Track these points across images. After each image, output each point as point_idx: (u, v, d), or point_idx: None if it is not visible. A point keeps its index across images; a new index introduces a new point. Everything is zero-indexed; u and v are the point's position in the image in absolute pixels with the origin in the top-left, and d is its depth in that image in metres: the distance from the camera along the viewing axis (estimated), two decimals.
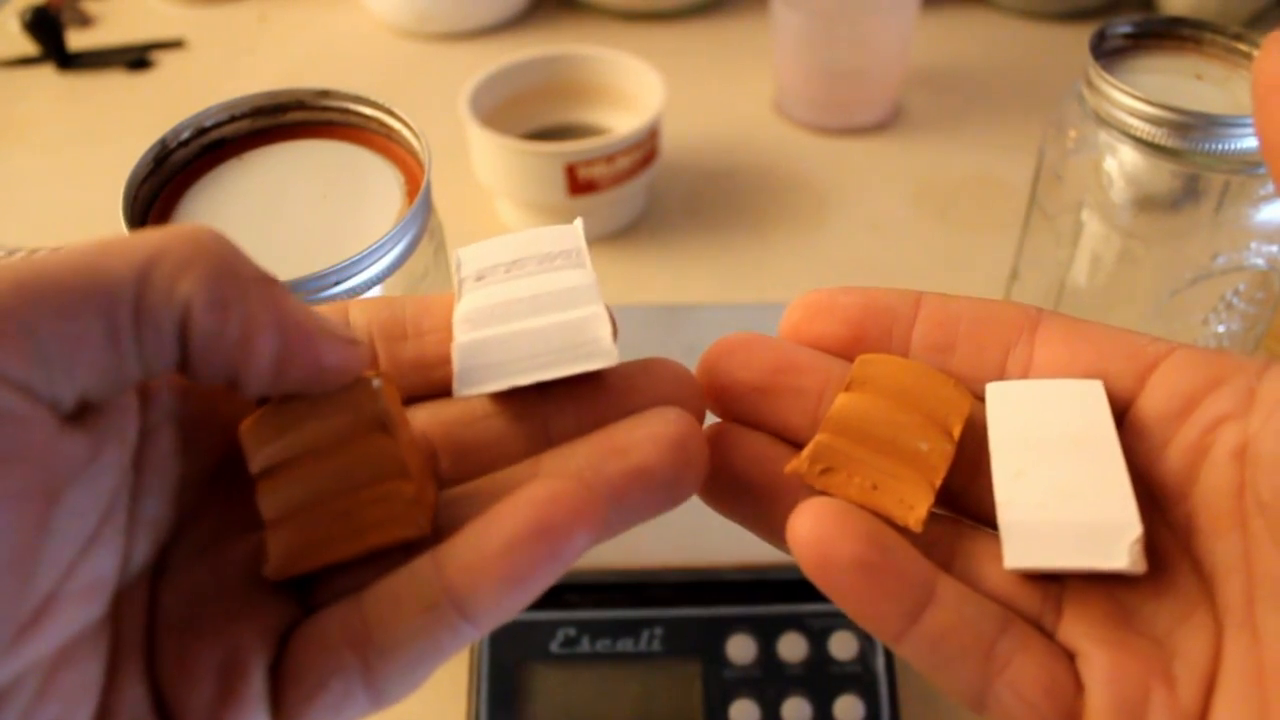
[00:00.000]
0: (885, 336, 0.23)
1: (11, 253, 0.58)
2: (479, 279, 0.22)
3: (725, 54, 0.78)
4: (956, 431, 0.21)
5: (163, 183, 0.32)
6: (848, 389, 0.22)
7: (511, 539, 0.18)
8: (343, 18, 0.85)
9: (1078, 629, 0.20)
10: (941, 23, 0.80)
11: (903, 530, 0.20)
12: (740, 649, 0.37)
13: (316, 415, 0.19)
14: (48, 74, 0.79)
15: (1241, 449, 0.20)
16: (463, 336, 0.21)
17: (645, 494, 0.20)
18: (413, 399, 0.22)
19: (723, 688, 0.36)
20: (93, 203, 0.65)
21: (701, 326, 0.47)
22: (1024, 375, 0.22)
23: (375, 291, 0.30)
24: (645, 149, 0.58)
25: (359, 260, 0.28)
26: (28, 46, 0.79)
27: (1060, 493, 0.20)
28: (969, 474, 0.22)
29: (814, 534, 0.19)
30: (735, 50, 0.79)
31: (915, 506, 0.20)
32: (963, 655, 0.19)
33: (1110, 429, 0.21)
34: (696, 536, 0.38)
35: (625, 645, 0.37)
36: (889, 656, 0.37)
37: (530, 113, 0.63)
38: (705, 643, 0.37)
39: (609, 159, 0.56)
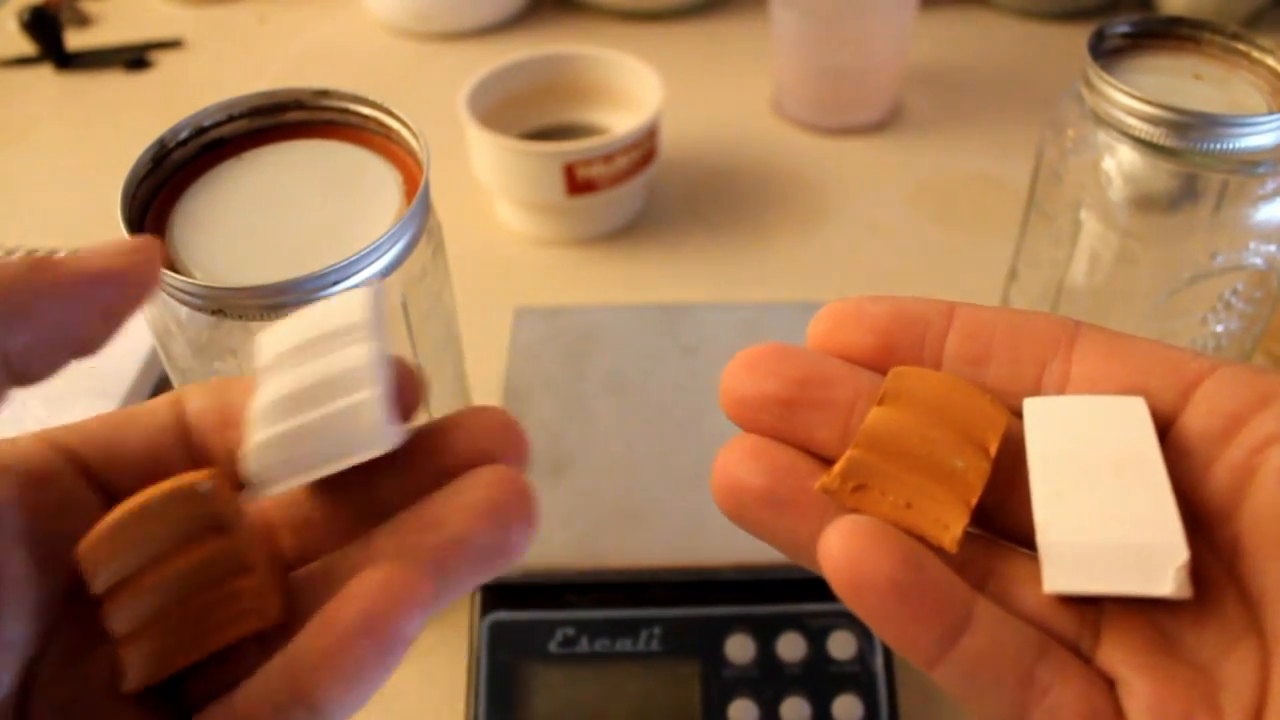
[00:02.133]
0: (917, 347, 0.22)
1: (10, 253, 0.58)
2: (271, 367, 0.21)
3: (724, 54, 0.78)
4: (993, 449, 0.21)
5: (161, 182, 0.32)
6: (880, 402, 0.21)
7: (344, 637, 0.18)
8: (341, 17, 0.85)
9: (1117, 655, 0.19)
10: (940, 23, 0.80)
11: (937, 551, 0.20)
12: (739, 649, 0.37)
13: (151, 526, 0.19)
14: (46, 74, 0.79)
15: None
16: (251, 438, 0.20)
17: (470, 564, 0.20)
18: None
19: (721, 687, 0.36)
20: (91, 202, 0.65)
21: (700, 326, 0.47)
22: (1060, 390, 0.21)
23: None
24: (644, 149, 0.58)
25: (358, 260, 0.28)
26: (26, 46, 0.79)
27: (1102, 514, 0.19)
28: (1004, 491, 0.21)
29: (847, 554, 0.18)
30: (734, 50, 0.79)
31: (950, 526, 0.20)
32: (1000, 682, 0.19)
33: (1154, 448, 0.20)
34: (696, 536, 0.38)
35: (624, 645, 0.37)
36: (888, 656, 0.37)
37: (529, 112, 0.63)
38: (704, 642, 0.37)
39: (608, 159, 0.56)
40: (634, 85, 0.61)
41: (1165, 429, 0.21)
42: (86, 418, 0.23)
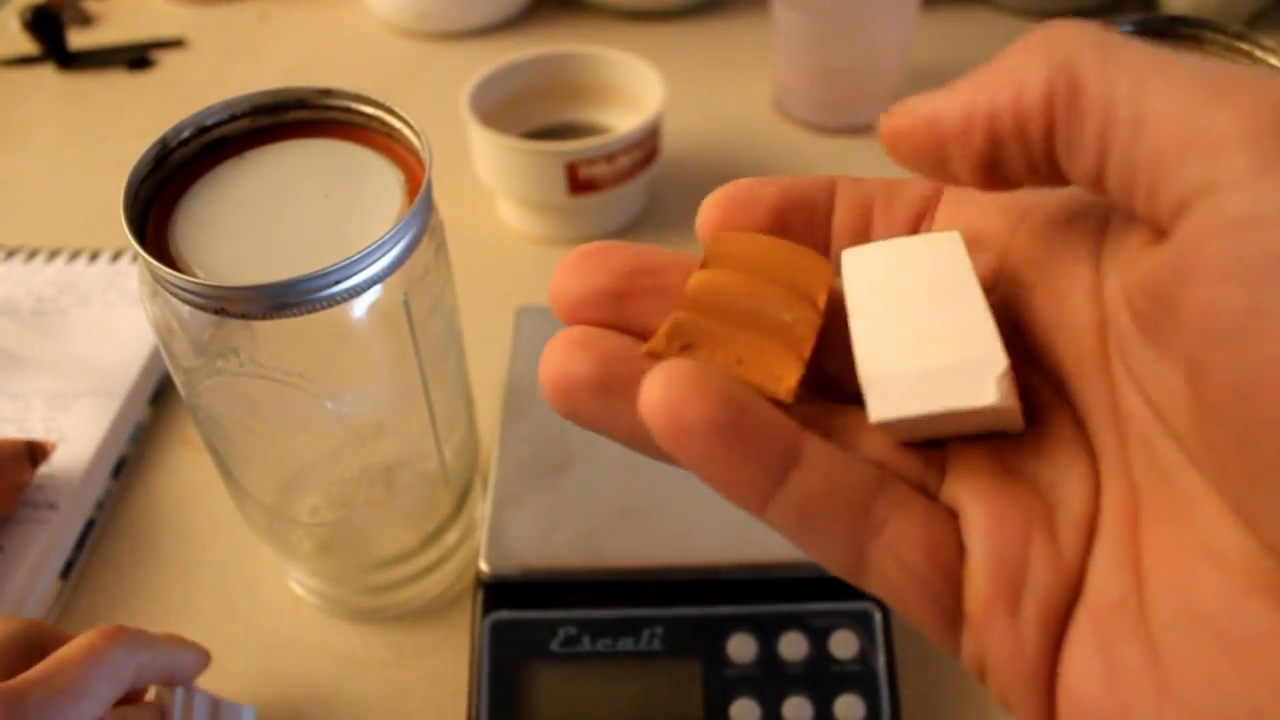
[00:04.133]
0: (808, 227, 0.22)
1: (11, 253, 0.58)
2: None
3: (725, 53, 0.78)
4: (821, 300, 0.20)
5: (163, 182, 0.32)
6: (703, 266, 0.20)
7: None
8: (343, 17, 0.85)
9: (958, 487, 0.19)
10: (941, 22, 0.80)
11: (775, 403, 0.19)
12: (741, 648, 0.37)
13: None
14: (48, 73, 0.79)
15: (1096, 289, 0.19)
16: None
17: None
18: None
19: (723, 687, 0.36)
20: (93, 202, 0.65)
21: None
22: None
23: (376, 291, 0.30)
24: (646, 148, 0.58)
25: (360, 259, 0.28)
26: (28, 46, 0.79)
27: (921, 339, 0.19)
28: (845, 355, 0.20)
29: (665, 398, 0.17)
30: (735, 49, 0.79)
31: (784, 377, 0.19)
32: (834, 519, 0.18)
33: (969, 273, 0.20)
34: (697, 536, 0.38)
35: (626, 644, 0.37)
36: (890, 655, 0.37)
37: (531, 112, 0.63)
38: (706, 642, 0.37)
39: (609, 158, 0.56)
40: (636, 85, 0.61)
41: (1000, 264, 0.21)
42: None
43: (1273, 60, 0.38)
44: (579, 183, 0.56)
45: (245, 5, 0.87)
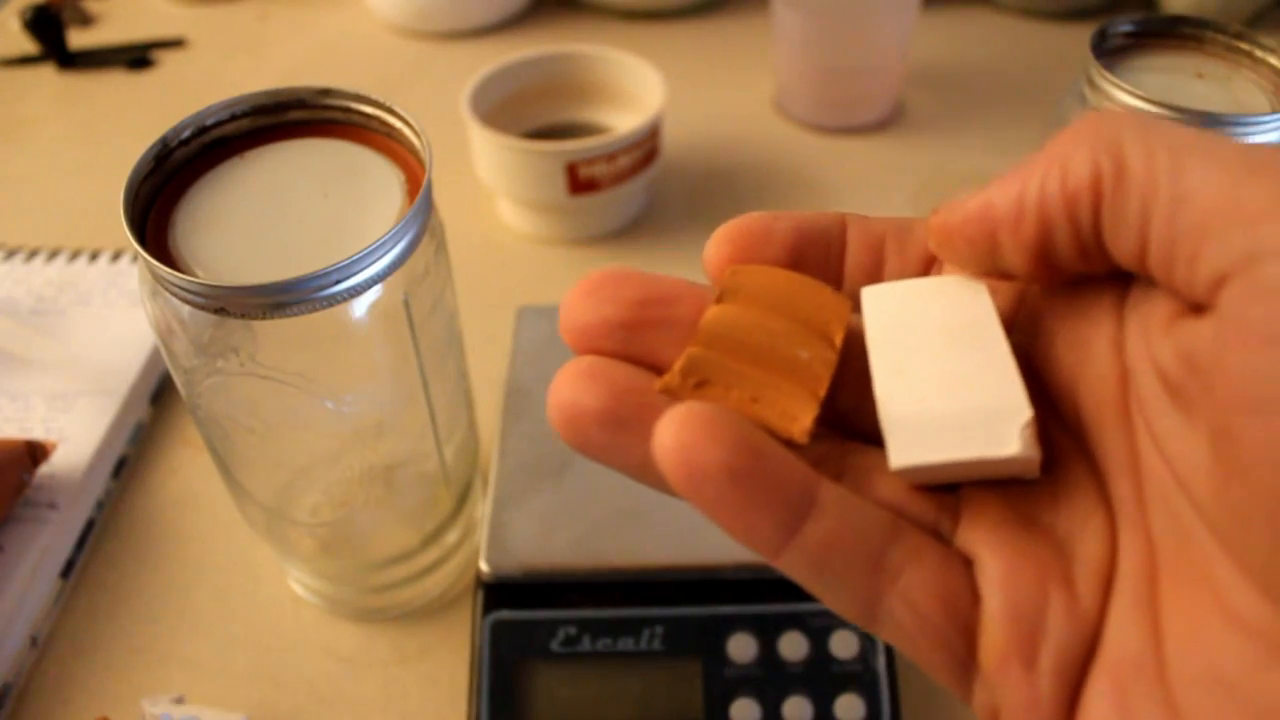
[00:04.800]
0: (822, 264, 0.22)
1: (12, 253, 0.58)
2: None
3: (725, 53, 0.78)
4: (838, 338, 0.20)
5: (164, 181, 0.32)
6: (718, 300, 0.20)
7: None
8: (343, 16, 0.85)
9: (973, 535, 0.19)
10: (942, 22, 0.80)
11: (788, 444, 0.18)
12: (741, 648, 0.37)
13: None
14: (48, 73, 0.79)
15: (1118, 340, 0.19)
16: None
17: None
18: None
19: (723, 687, 0.36)
20: (93, 202, 0.65)
21: None
22: None
23: (376, 290, 0.30)
24: (646, 148, 0.58)
25: (360, 259, 0.28)
26: (28, 45, 0.79)
27: (943, 384, 0.19)
28: (860, 392, 0.20)
29: (679, 442, 0.17)
30: (735, 49, 0.79)
31: (799, 417, 0.19)
32: (848, 567, 0.18)
33: (993, 318, 0.20)
34: (698, 536, 0.38)
35: (626, 644, 0.37)
36: (890, 655, 0.37)
37: (531, 112, 0.63)
38: (706, 642, 0.37)
39: (610, 158, 0.56)
40: (636, 84, 0.61)
41: (1018, 306, 0.21)
42: None
43: (1273, 60, 0.38)
44: (579, 183, 0.56)
45: (245, 5, 0.87)
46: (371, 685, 0.40)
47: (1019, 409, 0.18)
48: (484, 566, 0.38)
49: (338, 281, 0.28)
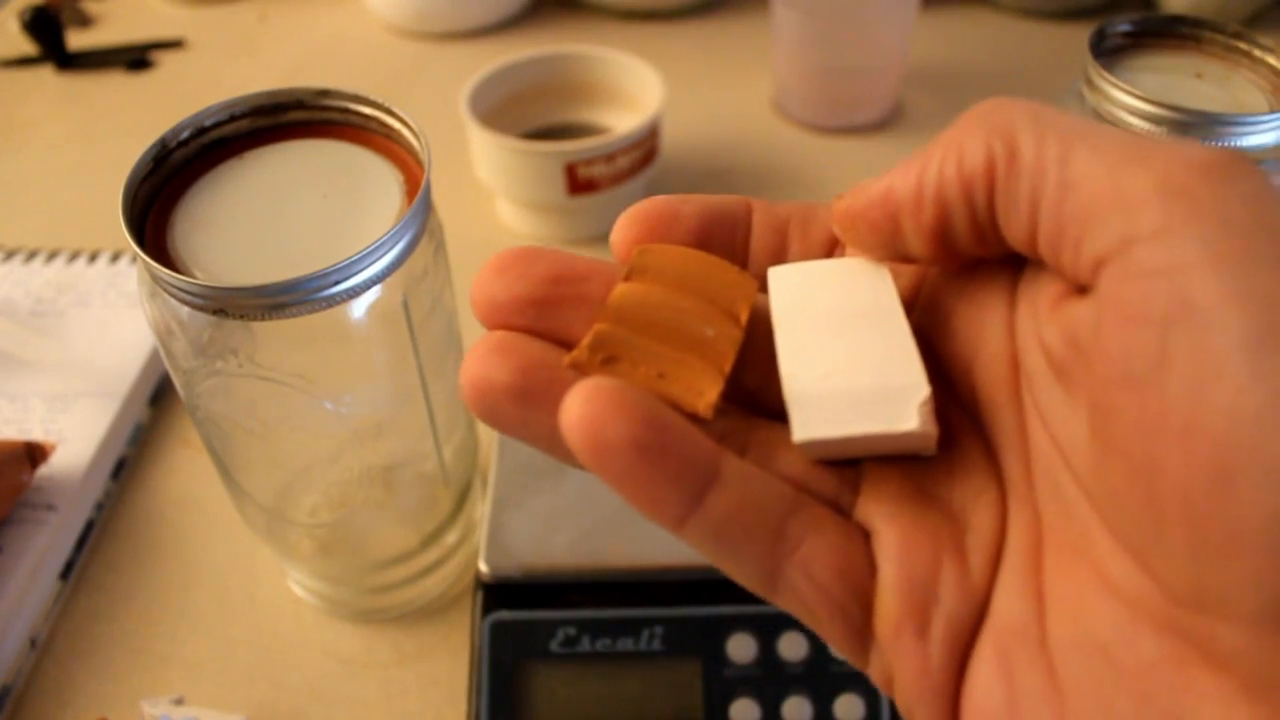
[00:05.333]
0: (729, 245, 0.22)
1: (11, 254, 0.58)
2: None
3: (725, 53, 0.78)
4: (743, 316, 0.21)
5: (162, 182, 0.32)
6: (626, 278, 0.21)
7: None
8: (342, 17, 0.85)
9: (872, 508, 0.20)
10: (941, 21, 0.80)
11: (694, 419, 0.19)
12: (741, 648, 0.37)
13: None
14: (47, 74, 0.79)
15: (1010, 321, 0.20)
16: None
17: None
18: None
19: (723, 687, 0.36)
20: (93, 202, 0.65)
21: None
22: None
23: (375, 291, 0.30)
24: (645, 148, 0.58)
25: (359, 260, 0.28)
26: (27, 46, 0.79)
27: (846, 361, 0.20)
28: (765, 370, 0.21)
29: (585, 416, 0.17)
30: (735, 49, 0.79)
31: (705, 392, 0.19)
32: (749, 538, 0.18)
33: (894, 299, 0.20)
34: None
35: (625, 644, 0.37)
36: None
37: (530, 112, 0.63)
38: (706, 642, 0.37)
39: (609, 158, 0.56)
40: (635, 85, 0.61)
41: (918, 288, 0.21)
42: None
43: (1271, 60, 0.38)
44: (578, 183, 0.56)
45: (244, 6, 0.87)
46: (371, 686, 0.40)
47: (917, 387, 0.19)
48: (483, 567, 0.38)
49: (337, 282, 0.28)
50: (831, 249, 0.23)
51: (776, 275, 0.21)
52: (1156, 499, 0.15)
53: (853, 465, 0.20)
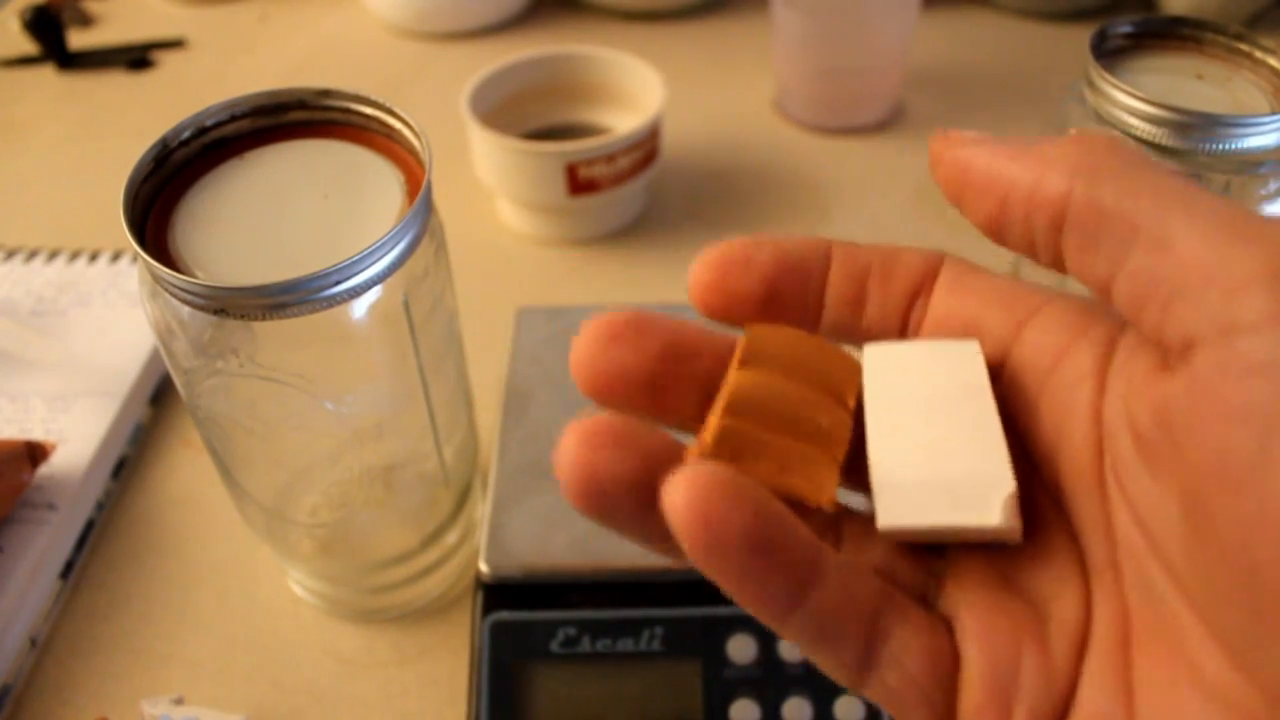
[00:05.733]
0: (801, 295, 0.22)
1: (11, 253, 0.58)
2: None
3: (725, 54, 0.78)
4: (852, 402, 0.21)
5: (163, 182, 0.32)
6: (741, 365, 0.20)
7: None
8: (343, 17, 0.85)
9: (956, 597, 0.19)
10: (942, 22, 0.80)
11: (816, 511, 0.19)
12: (741, 648, 0.37)
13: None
14: (48, 74, 0.79)
15: (1097, 408, 0.19)
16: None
17: None
18: None
19: (723, 687, 0.36)
20: (93, 203, 0.65)
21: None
22: (920, 326, 0.22)
23: (376, 291, 0.30)
24: (646, 148, 0.58)
25: (359, 260, 0.28)
26: (28, 46, 0.79)
27: (933, 450, 0.20)
28: (858, 446, 0.21)
29: (695, 505, 0.17)
30: (735, 50, 0.79)
31: (825, 485, 0.19)
32: (846, 632, 0.18)
33: (985, 387, 0.20)
34: None
35: (625, 645, 0.37)
36: None
37: (530, 112, 0.63)
38: (706, 642, 0.37)
39: (609, 158, 0.56)
40: (635, 85, 0.61)
41: (1001, 364, 0.21)
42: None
43: (1272, 61, 0.38)
44: (579, 183, 0.56)
45: (245, 6, 0.87)
46: (371, 686, 0.40)
47: (1003, 480, 0.19)
48: (483, 567, 0.38)
49: (337, 282, 0.28)
50: (913, 299, 0.22)
51: (872, 354, 0.21)
52: (1256, 599, 0.15)
53: (937, 551, 0.20)
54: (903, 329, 0.22)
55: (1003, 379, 0.21)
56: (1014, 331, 0.21)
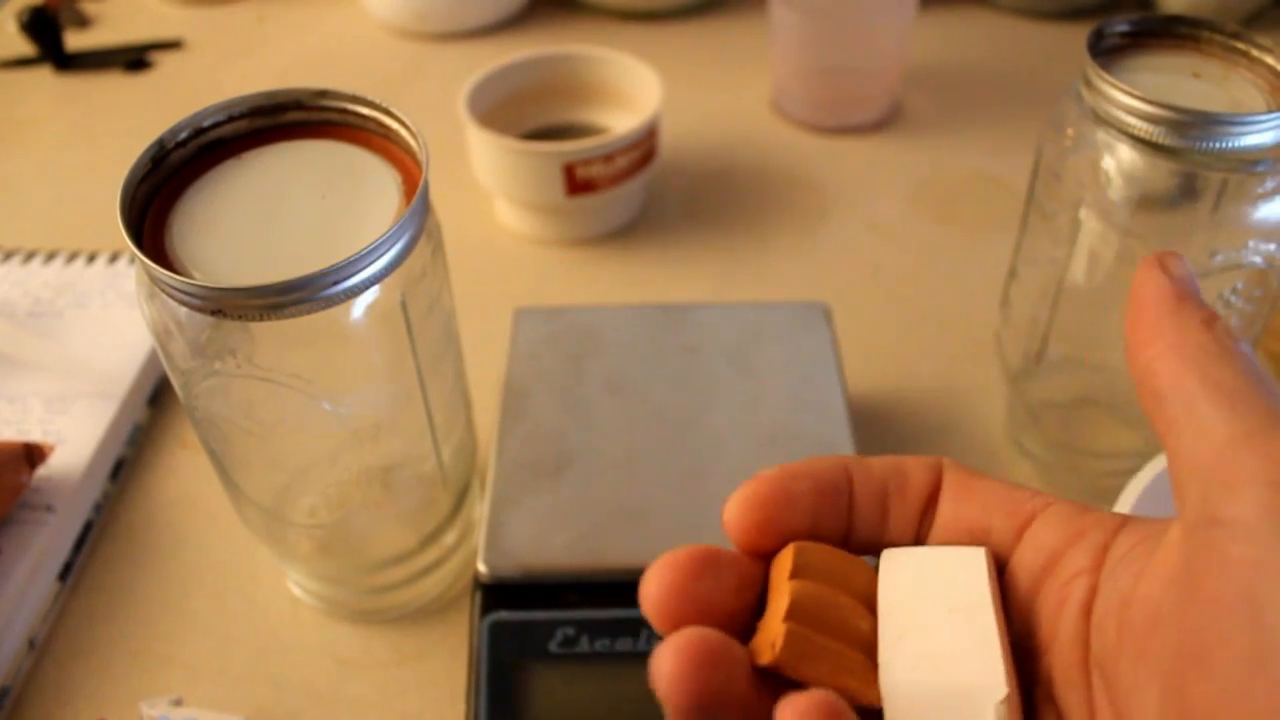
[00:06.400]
0: (839, 521, 0.24)
1: (9, 255, 0.58)
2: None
3: (723, 53, 0.78)
4: (876, 609, 0.23)
5: (160, 183, 0.32)
6: (794, 576, 0.22)
7: None
8: (340, 18, 0.85)
9: None
10: (940, 22, 0.80)
11: (870, 708, 0.21)
12: None
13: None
14: (46, 75, 0.79)
15: (1088, 604, 0.21)
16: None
17: None
18: None
19: None
20: (91, 204, 0.65)
21: (699, 326, 0.47)
22: (930, 531, 0.24)
23: (373, 292, 0.30)
24: (643, 148, 0.58)
25: (357, 260, 0.28)
26: (25, 47, 0.79)
27: (936, 656, 0.21)
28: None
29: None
30: (733, 50, 0.79)
31: (871, 685, 0.21)
32: None
33: (986, 596, 0.22)
34: (696, 536, 0.38)
35: (625, 645, 0.37)
36: None
37: (528, 112, 0.63)
38: None
39: (607, 159, 0.56)
40: (633, 85, 0.61)
41: (1004, 566, 0.23)
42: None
43: (1269, 60, 0.38)
44: (576, 183, 0.56)
45: (243, 7, 0.87)
46: (370, 686, 0.40)
47: (997, 687, 0.20)
48: (482, 567, 0.38)
49: (335, 283, 0.28)
50: (927, 506, 0.24)
51: (888, 560, 0.23)
52: None
53: None
54: (917, 537, 0.24)
55: (1006, 577, 0.23)
56: (1016, 534, 0.23)
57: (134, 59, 0.79)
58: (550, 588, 0.38)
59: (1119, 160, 0.38)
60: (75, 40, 0.82)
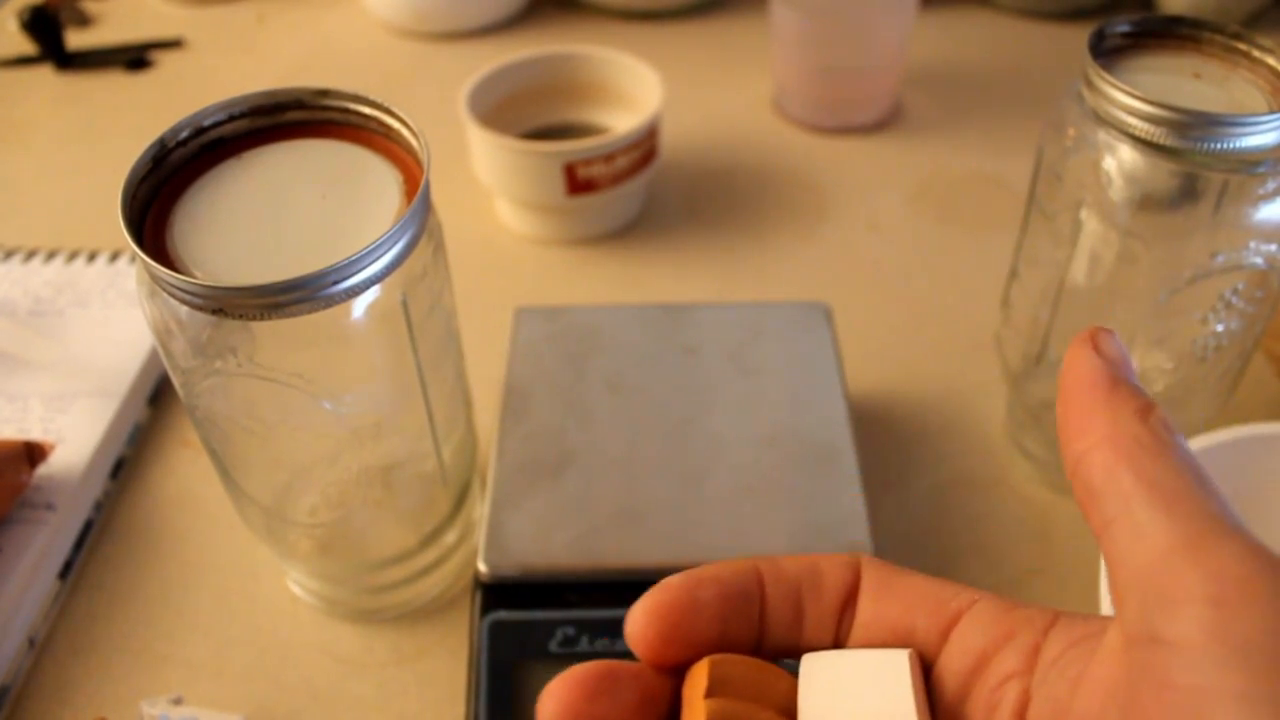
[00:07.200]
0: (749, 626, 0.23)
1: (9, 253, 0.58)
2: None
3: (724, 53, 0.78)
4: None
5: (161, 182, 0.32)
6: (709, 694, 0.22)
7: None
8: (341, 17, 0.85)
9: None
10: (940, 22, 0.80)
11: None
12: None
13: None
14: (46, 74, 0.79)
15: (1021, 711, 0.20)
16: None
17: None
18: None
19: None
20: (91, 203, 0.65)
21: (700, 326, 0.47)
22: (850, 633, 0.23)
23: (374, 291, 0.30)
24: (644, 148, 0.58)
25: (358, 260, 0.28)
26: (26, 46, 0.79)
27: None
28: None
29: None
30: (734, 49, 0.79)
31: None
32: None
33: (910, 702, 0.21)
34: (696, 536, 0.38)
35: (624, 644, 0.37)
36: None
37: (529, 112, 0.63)
38: None
39: (608, 158, 0.56)
40: (634, 85, 0.61)
41: (930, 667, 0.22)
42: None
43: (1270, 60, 0.38)
44: (577, 183, 0.56)
45: (243, 6, 0.87)
46: (370, 686, 0.40)
47: None
48: (482, 567, 0.38)
49: (336, 282, 0.28)
50: (845, 605, 0.23)
51: (808, 664, 0.22)
52: None
53: None
54: (836, 639, 0.23)
55: (932, 680, 0.22)
56: (942, 634, 0.22)
57: (135, 58, 0.79)
58: (550, 587, 0.38)
59: (1120, 161, 0.38)
60: (76, 39, 0.82)
